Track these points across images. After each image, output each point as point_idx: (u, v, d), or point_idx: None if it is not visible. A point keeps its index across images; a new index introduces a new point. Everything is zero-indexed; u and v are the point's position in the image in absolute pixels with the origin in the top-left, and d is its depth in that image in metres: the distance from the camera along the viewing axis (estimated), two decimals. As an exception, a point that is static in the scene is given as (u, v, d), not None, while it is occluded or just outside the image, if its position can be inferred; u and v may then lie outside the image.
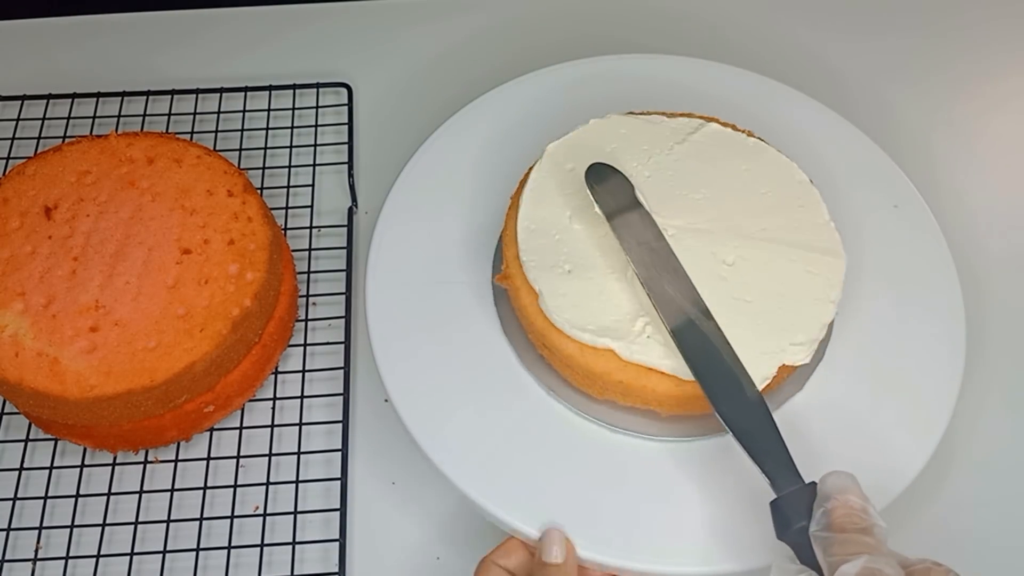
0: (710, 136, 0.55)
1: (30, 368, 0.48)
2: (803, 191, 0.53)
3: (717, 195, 0.52)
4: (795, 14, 0.76)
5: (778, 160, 0.54)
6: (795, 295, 0.49)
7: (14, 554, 0.51)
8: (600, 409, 0.50)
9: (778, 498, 0.42)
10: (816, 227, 0.52)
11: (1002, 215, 0.65)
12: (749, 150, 0.55)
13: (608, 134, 0.55)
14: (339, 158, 0.66)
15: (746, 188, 0.53)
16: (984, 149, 0.69)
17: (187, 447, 0.54)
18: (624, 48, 0.66)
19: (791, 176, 0.53)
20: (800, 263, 0.50)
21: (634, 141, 0.54)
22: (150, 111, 0.66)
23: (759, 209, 0.52)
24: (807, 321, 0.49)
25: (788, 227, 0.51)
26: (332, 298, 0.60)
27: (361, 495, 0.53)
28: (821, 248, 0.51)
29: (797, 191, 0.53)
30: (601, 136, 0.55)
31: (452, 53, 0.73)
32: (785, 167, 0.54)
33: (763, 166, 0.54)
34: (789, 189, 0.53)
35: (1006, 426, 0.56)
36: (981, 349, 0.58)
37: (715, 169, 0.53)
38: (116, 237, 0.52)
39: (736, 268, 0.50)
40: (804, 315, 0.49)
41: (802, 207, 0.52)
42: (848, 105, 0.64)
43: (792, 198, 0.53)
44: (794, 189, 0.53)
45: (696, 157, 0.54)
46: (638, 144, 0.54)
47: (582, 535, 0.46)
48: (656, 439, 0.50)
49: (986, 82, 0.72)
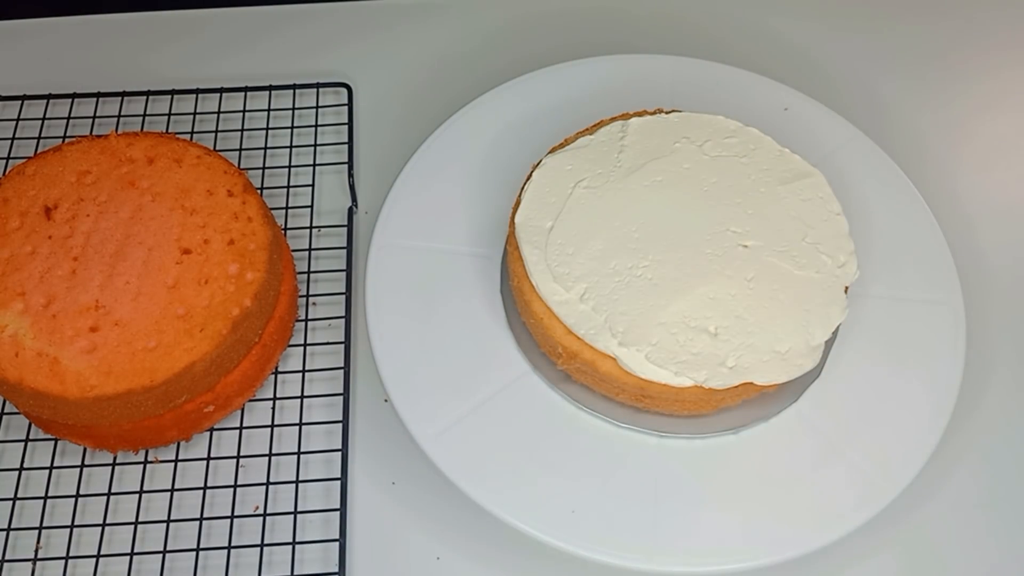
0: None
1: (30, 368, 0.48)
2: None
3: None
4: (795, 15, 0.76)
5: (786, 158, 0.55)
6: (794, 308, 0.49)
7: (14, 554, 0.51)
8: (607, 409, 0.50)
9: None
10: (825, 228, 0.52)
11: (1002, 215, 0.65)
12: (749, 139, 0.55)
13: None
14: (339, 158, 0.66)
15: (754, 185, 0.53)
16: (983, 147, 0.69)
17: (187, 447, 0.54)
18: (624, 48, 0.66)
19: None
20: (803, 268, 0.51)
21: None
22: (150, 111, 0.66)
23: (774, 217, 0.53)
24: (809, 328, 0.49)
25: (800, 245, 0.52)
26: (332, 298, 0.60)
27: (361, 495, 0.53)
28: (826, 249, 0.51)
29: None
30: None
31: (452, 53, 0.73)
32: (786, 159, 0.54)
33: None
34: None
35: (1006, 425, 0.56)
36: (982, 347, 0.58)
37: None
38: (116, 237, 0.52)
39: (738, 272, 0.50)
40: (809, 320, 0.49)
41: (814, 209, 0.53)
42: (848, 104, 0.64)
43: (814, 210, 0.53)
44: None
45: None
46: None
47: (585, 537, 0.46)
48: (671, 436, 0.50)
49: (985, 80, 0.72)
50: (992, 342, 0.59)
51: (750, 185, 0.52)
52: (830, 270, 0.50)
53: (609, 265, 0.49)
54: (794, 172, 0.53)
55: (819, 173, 0.53)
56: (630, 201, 0.51)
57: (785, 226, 0.51)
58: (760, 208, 0.52)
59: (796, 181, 0.53)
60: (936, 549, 0.52)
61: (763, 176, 0.53)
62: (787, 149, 0.54)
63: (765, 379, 0.47)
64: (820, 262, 0.50)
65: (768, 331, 0.48)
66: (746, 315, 0.48)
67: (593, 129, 0.56)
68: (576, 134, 0.56)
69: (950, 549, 0.52)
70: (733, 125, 0.55)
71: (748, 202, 0.52)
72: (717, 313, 0.48)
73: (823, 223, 0.52)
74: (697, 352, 0.47)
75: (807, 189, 0.53)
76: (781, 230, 0.51)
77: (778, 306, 0.49)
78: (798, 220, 0.51)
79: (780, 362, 0.47)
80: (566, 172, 0.53)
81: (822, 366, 0.52)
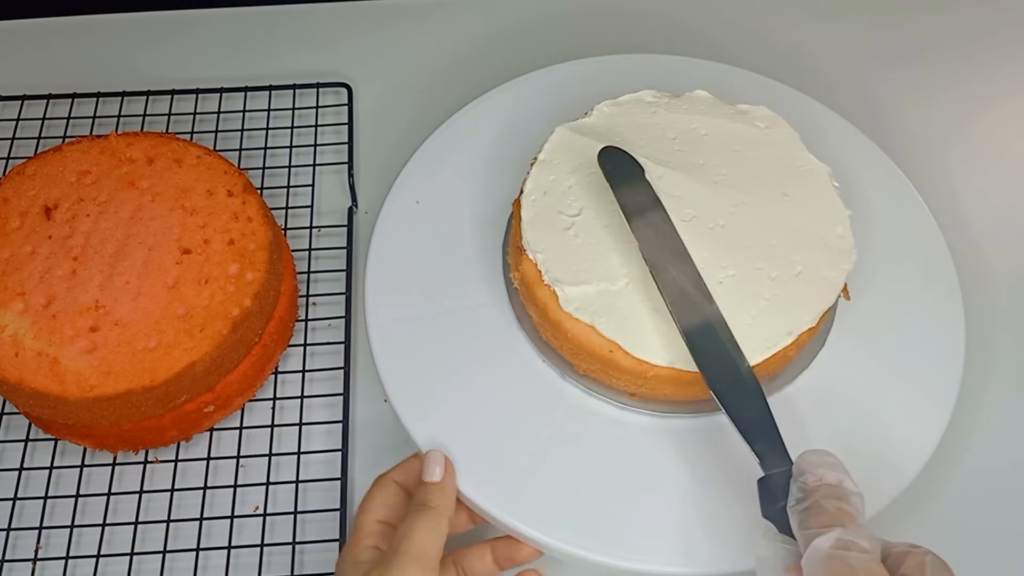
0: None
1: (30, 368, 0.48)
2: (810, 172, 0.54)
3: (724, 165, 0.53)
4: (795, 15, 0.76)
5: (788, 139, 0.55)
6: (798, 278, 0.49)
7: (14, 554, 0.51)
8: (615, 396, 0.50)
9: (765, 477, 0.42)
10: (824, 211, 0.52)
11: (1002, 215, 0.65)
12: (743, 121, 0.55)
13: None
14: (339, 158, 0.66)
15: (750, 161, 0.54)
16: (985, 149, 0.69)
17: (187, 447, 0.54)
18: (625, 48, 0.66)
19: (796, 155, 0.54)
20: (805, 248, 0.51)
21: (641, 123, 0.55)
22: (150, 111, 0.66)
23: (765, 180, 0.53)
24: (808, 306, 0.49)
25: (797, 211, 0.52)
26: (332, 298, 0.60)
27: (361, 495, 0.53)
28: (828, 238, 0.51)
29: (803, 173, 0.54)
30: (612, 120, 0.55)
31: (452, 53, 0.73)
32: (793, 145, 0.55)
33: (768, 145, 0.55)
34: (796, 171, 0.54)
35: (1006, 425, 0.56)
36: (982, 346, 0.58)
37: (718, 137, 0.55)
38: (116, 237, 0.52)
39: (736, 232, 0.50)
40: (806, 300, 0.49)
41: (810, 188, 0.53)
42: (848, 104, 0.64)
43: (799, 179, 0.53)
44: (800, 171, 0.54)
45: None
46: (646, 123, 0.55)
47: (589, 540, 0.46)
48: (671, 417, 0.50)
49: (987, 81, 0.72)
50: (992, 342, 0.59)
51: (759, 178, 0.53)
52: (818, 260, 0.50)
53: (613, 262, 0.50)
54: (801, 166, 0.54)
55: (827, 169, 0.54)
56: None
57: (785, 218, 0.52)
58: (763, 200, 0.52)
59: (803, 177, 0.53)
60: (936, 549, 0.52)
61: (774, 168, 0.53)
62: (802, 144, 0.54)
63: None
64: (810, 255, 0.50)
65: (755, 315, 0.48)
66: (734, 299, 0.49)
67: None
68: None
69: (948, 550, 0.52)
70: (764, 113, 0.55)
71: (754, 193, 0.52)
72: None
73: (823, 216, 0.52)
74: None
75: (813, 182, 0.53)
76: (777, 223, 0.51)
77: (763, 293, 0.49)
78: (799, 212, 0.52)
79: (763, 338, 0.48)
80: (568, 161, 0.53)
81: (812, 358, 0.52)
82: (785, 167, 0.54)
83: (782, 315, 0.48)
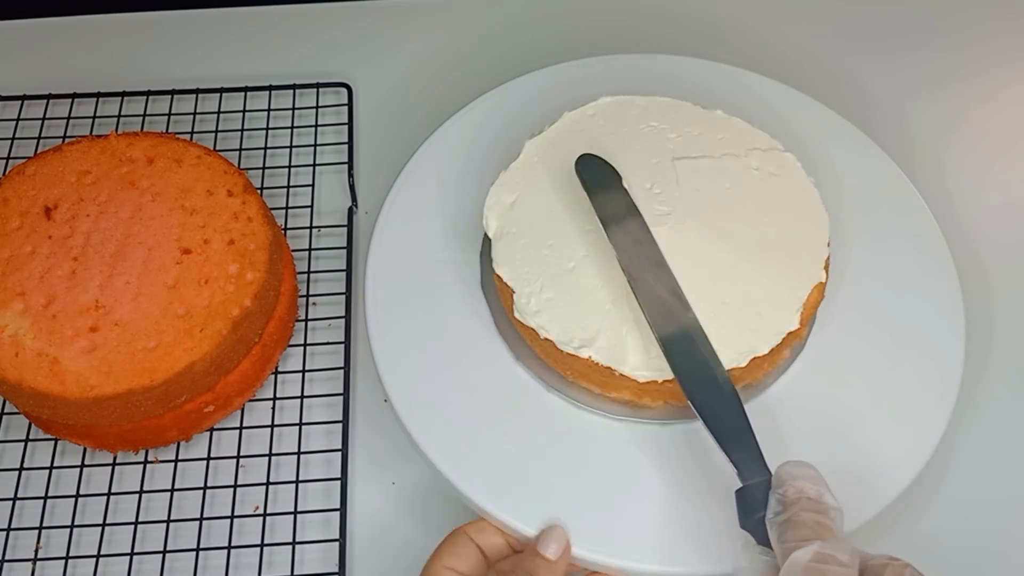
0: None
1: (30, 368, 0.48)
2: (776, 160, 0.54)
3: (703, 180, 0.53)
4: (795, 15, 0.76)
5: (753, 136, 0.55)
6: (774, 291, 0.50)
7: (14, 554, 0.51)
8: (603, 405, 0.50)
9: (743, 487, 0.42)
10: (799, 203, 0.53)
11: (1003, 215, 0.65)
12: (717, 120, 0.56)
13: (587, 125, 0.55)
14: (339, 158, 0.66)
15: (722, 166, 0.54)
16: (985, 149, 0.69)
17: (187, 447, 0.54)
18: (625, 48, 0.66)
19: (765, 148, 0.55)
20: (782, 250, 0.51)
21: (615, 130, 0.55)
22: (150, 111, 0.66)
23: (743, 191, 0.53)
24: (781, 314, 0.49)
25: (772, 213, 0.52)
26: (332, 298, 0.60)
27: (361, 495, 0.53)
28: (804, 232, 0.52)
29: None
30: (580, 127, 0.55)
31: (452, 53, 0.73)
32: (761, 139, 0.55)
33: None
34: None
35: (1006, 427, 0.56)
36: (981, 349, 0.58)
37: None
38: (116, 237, 0.52)
39: (716, 253, 0.50)
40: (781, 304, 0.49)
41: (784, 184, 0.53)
42: (849, 104, 0.64)
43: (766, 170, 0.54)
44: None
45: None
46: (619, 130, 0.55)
47: (587, 536, 0.46)
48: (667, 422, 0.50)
49: (988, 83, 0.72)
50: (992, 341, 0.59)
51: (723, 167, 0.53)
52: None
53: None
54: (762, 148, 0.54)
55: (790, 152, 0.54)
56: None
57: (755, 201, 0.52)
58: (735, 186, 0.52)
59: (765, 154, 0.54)
60: (933, 553, 0.52)
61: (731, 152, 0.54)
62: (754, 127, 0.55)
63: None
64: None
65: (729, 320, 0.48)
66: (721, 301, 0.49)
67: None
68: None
69: (946, 553, 0.52)
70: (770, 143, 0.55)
71: (724, 182, 0.53)
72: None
73: (796, 200, 0.52)
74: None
75: (775, 163, 0.53)
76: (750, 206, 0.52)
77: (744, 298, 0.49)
78: (769, 195, 0.52)
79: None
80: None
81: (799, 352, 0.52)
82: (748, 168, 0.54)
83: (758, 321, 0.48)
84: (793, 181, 0.53)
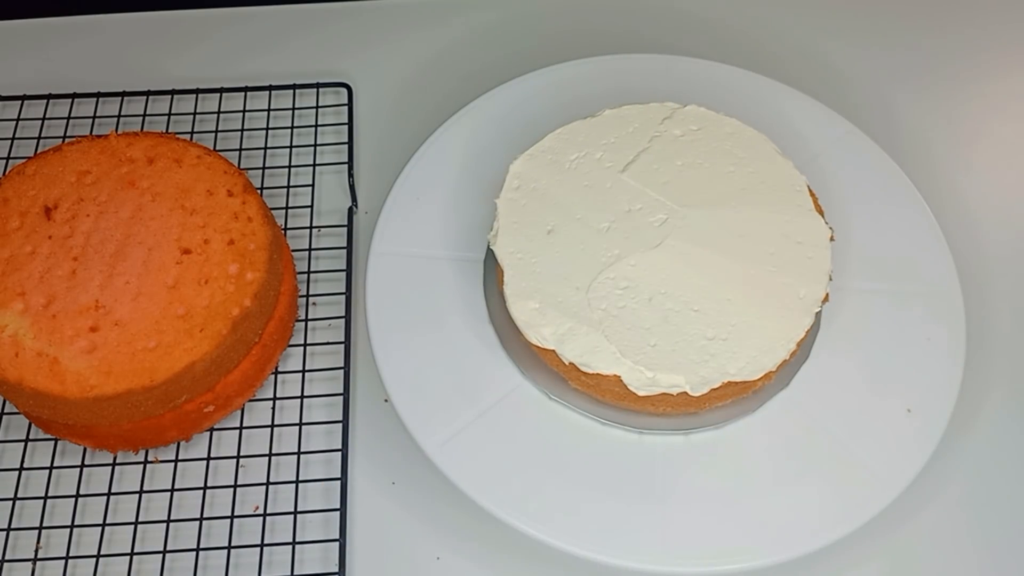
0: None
1: (30, 368, 0.48)
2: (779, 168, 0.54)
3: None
4: (795, 15, 0.76)
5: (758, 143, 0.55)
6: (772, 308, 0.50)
7: (14, 554, 0.51)
8: (605, 411, 0.50)
9: None
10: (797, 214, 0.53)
11: (1003, 215, 0.65)
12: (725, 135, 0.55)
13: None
14: (339, 158, 0.66)
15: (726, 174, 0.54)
16: (984, 148, 0.69)
17: (187, 447, 0.54)
18: (625, 48, 0.66)
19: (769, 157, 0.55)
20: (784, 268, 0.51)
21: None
22: (150, 111, 0.66)
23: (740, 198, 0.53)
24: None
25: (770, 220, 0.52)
26: (332, 298, 0.60)
27: (361, 495, 0.53)
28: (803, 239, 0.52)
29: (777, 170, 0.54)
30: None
31: (452, 53, 0.73)
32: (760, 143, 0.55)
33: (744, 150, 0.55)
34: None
35: (1006, 428, 0.56)
36: (981, 351, 0.58)
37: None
38: (116, 237, 0.52)
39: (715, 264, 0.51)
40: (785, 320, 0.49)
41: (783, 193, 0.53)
42: (847, 104, 0.64)
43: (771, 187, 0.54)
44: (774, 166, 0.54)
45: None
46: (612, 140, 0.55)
47: (587, 537, 0.46)
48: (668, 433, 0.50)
49: (987, 82, 0.72)
50: (992, 340, 0.59)
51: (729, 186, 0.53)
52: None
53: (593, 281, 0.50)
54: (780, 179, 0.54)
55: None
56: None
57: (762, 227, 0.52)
58: (740, 210, 0.52)
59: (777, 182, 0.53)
60: (932, 555, 0.52)
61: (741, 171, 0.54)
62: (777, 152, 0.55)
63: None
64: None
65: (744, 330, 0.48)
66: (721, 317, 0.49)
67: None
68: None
69: (944, 556, 0.52)
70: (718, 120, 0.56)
71: (730, 202, 0.52)
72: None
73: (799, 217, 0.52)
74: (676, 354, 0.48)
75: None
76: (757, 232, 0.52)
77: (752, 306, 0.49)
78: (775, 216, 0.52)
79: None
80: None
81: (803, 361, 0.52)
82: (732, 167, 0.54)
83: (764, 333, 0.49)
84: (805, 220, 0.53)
